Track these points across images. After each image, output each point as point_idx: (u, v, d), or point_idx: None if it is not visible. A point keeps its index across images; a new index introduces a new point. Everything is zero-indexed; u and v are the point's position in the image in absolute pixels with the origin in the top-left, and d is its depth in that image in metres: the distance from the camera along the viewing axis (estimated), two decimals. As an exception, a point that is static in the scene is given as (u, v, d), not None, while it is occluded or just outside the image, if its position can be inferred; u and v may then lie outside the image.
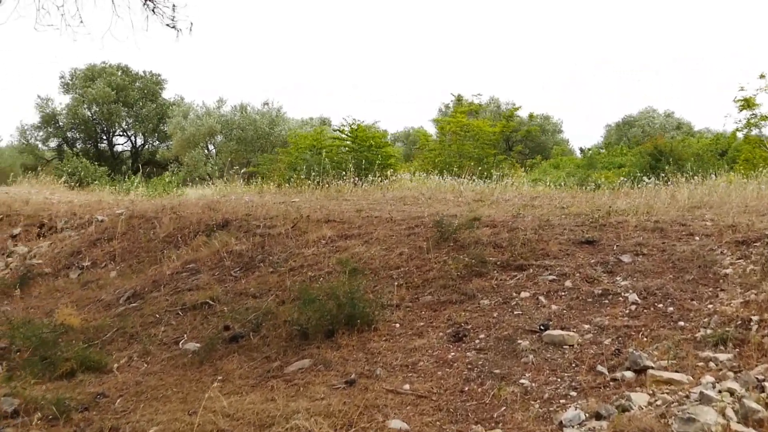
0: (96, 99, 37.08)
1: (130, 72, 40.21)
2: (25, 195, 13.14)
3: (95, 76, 38.67)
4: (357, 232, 7.48)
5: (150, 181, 31.26)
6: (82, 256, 9.28)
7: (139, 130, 39.19)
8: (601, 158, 23.70)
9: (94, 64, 39.89)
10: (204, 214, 9.28)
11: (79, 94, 38.52)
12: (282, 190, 11.87)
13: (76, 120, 38.75)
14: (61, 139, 40.12)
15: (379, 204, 9.27)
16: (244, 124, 30.55)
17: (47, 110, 39.21)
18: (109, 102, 37.43)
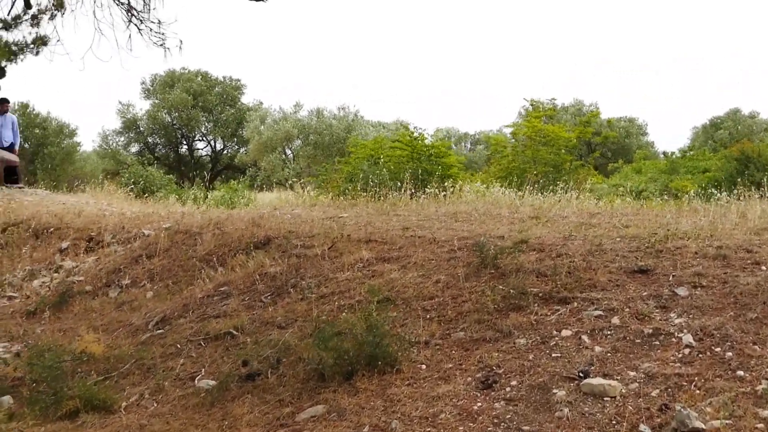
0: (174, 105, 37.50)
1: (209, 77, 40.61)
2: (81, 206, 13.07)
3: (174, 81, 39.16)
4: (396, 255, 7.03)
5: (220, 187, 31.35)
6: (123, 274, 9.06)
7: (218, 135, 39.56)
8: (684, 163, 22.69)
9: (174, 70, 40.40)
10: (247, 230, 8.95)
11: (159, 100, 39.03)
12: (336, 203, 11.49)
13: (156, 125, 39.31)
14: (142, 144, 40.75)
15: (429, 220, 8.80)
16: (321, 128, 30.37)
17: (128, 116, 39.84)
18: (187, 107, 37.81)
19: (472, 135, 53.31)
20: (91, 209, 12.64)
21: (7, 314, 8.95)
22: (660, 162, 26.66)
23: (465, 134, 54.16)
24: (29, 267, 10.40)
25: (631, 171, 24.07)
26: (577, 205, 10.09)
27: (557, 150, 16.08)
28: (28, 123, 34.75)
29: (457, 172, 14.32)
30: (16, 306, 9.13)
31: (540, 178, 15.15)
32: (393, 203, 10.83)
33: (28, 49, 16.86)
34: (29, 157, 34.01)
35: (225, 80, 41.37)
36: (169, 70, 40.88)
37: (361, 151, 14.91)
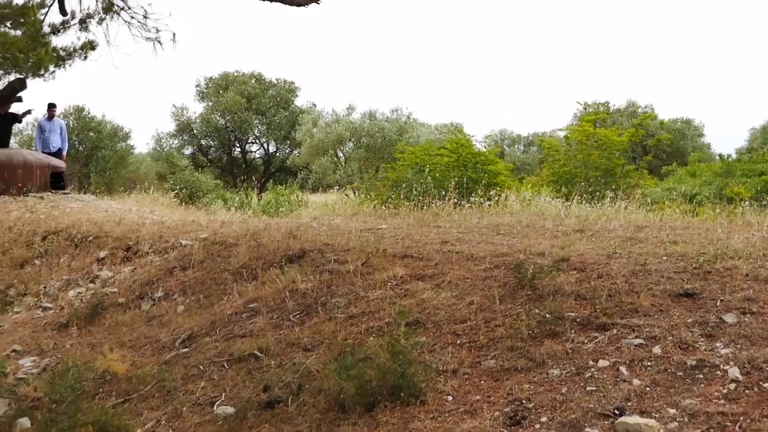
0: (228, 107, 37.68)
1: (263, 80, 40.69)
2: (122, 213, 13.06)
3: (228, 84, 39.35)
4: (431, 272, 6.76)
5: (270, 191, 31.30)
6: (156, 286, 8.95)
7: (271, 138, 39.61)
8: (740, 165, 21.99)
9: (228, 73, 40.59)
10: (283, 242, 8.77)
11: (213, 103, 39.25)
12: (378, 212, 11.26)
13: (209, 128, 39.52)
14: (195, 147, 41.00)
15: (470, 233, 8.53)
16: (373, 131, 30.20)
17: (182, 118, 40.11)
18: (241, 110, 37.97)
19: (525, 137, 52.68)
20: (132, 217, 12.60)
21: (39, 326, 8.90)
22: (715, 165, 25.97)
23: (518, 136, 53.57)
24: (66, 276, 10.37)
25: (685, 174, 23.48)
26: (625, 216, 9.70)
27: (609, 154, 15.65)
28: (82, 126, 35.23)
29: (504, 180, 13.96)
30: (50, 317, 9.07)
31: (591, 182, 14.80)
32: (435, 213, 10.58)
33: (76, 53, 17.00)
34: (83, 160, 34.46)
35: (279, 83, 41.43)
36: (223, 73, 41.13)
37: (407, 158, 14.65)
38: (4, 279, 10.89)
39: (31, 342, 8.31)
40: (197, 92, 41.71)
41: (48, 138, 17.72)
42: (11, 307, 10.14)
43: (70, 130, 34.85)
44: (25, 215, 12.87)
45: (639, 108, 39.16)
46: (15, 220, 12.59)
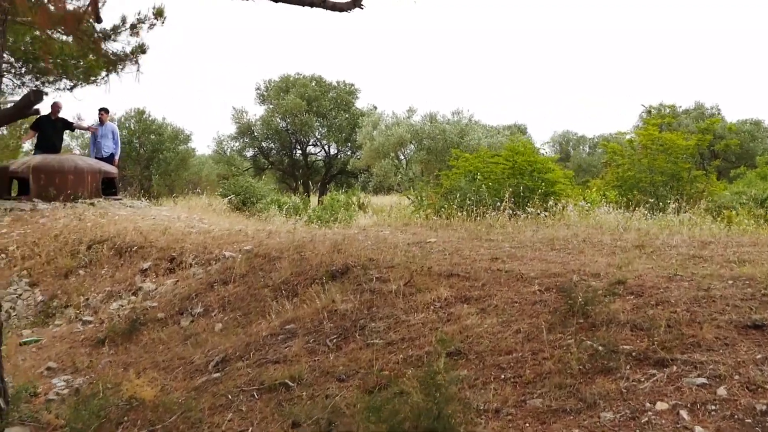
0: (288, 110, 37.68)
1: (323, 82, 40.65)
2: (170, 221, 12.89)
3: (289, 87, 39.38)
4: (477, 294, 6.35)
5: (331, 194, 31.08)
6: (197, 301, 8.70)
7: (331, 140, 39.49)
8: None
9: (288, 75, 40.65)
10: (327, 256, 8.44)
11: (273, 105, 39.33)
12: (429, 222, 10.86)
13: (270, 130, 39.58)
14: (256, 149, 41.12)
15: (522, 248, 8.09)
16: (434, 133, 29.82)
17: (242, 121, 40.26)
18: (301, 112, 37.92)
19: (591, 138, 51.74)
20: (180, 226, 12.42)
21: (77, 341, 8.73)
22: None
23: (583, 137, 52.66)
24: (109, 288, 10.20)
25: (755, 177, 22.56)
26: (689, 230, 9.14)
27: (675, 158, 15.02)
28: (143, 129, 35.51)
29: (562, 189, 13.39)
30: (88, 332, 8.90)
31: (656, 187, 14.22)
32: (489, 224, 10.15)
33: (127, 59, 16.92)
34: (145, 162, 34.71)
35: (339, 85, 41.35)
36: (284, 76, 41.22)
37: (461, 165, 14.20)
38: (48, 289, 10.78)
39: (67, 359, 8.13)
40: (257, 95, 41.90)
41: (100, 143, 17.71)
42: (52, 320, 10.02)
43: (131, 132, 35.21)
44: (72, 223, 12.78)
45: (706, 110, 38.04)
46: (62, 228, 12.51)
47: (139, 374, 6.71)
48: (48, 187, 15.35)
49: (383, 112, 36.43)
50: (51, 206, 14.71)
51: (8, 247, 12.23)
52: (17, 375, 7.89)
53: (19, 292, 10.99)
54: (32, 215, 13.89)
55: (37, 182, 15.36)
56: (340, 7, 7.90)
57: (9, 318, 10.40)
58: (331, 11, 8.23)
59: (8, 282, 11.27)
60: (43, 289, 10.85)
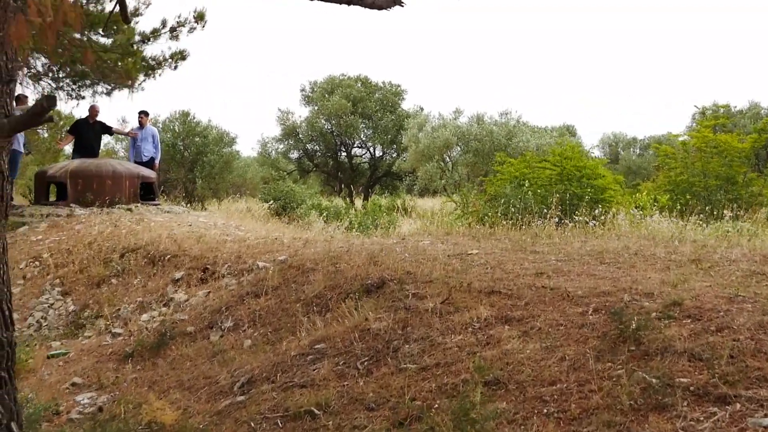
0: (333, 111, 37.45)
1: (369, 83, 40.36)
2: (205, 229, 12.63)
3: (334, 88, 39.15)
4: (519, 314, 5.92)
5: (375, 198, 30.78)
6: (227, 315, 8.39)
7: (377, 142, 39.17)
8: None
9: (334, 76, 40.43)
10: (362, 269, 8.07)
11: (318, 107, 39.14)
12: (472, 231, 10.42)
13: (315, 132, 39.38)
14: (301, 152, 40.94)
15: (569, 261, 7.64)
16: (481, 135, 29.33)
17: (287, 123, 40.11)
18: (346, 114, 37.69)
19: (641, 140, 50.78)
20: (215, 233, 12.13)
21: (105, 355, 8.48)
22: None
23: (633, 139, 51.72)
24: (140, 299, 9.96)
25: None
26: (748, 243, 8.59)
27: (729, 161, 14.39)
28: (188, 131, 35.44)
29: (611, 196, 12.78)
30: (117, 346, 8.64)
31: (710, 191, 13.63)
32: (535, 234, 9.68)
33: (166, 63, 16.76)
34: (189, 165, 34.66)
35: (385, 86, 40.99)
36: (329, 77, 40.97)
37: (506, 170, 13.68)
38: (80, 299, 10.58)
39: (93, 374, 7.90)
40: (303, 96, 41.71)
41: (140, 147, 17.53)
42: (83, 331, 9.80)
43: (175, 135, 35.18)
44: (107, 230, 12.58)
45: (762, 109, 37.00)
46: (96, 235, 12.32)
47: (162, 394, 6.42)
48: (85, 192, 15.19)
49: (429, 114, 36.11)
50: (88, 212, 14.55)
51: (42, 254, 12.08)
52: (42, 390, 7.66)
53: (51, 302, 10.79)
54: (68, 221, 13.73)
55: (75, 187, 15.21)
56: (378, 4, 7.53)
57: (40, 328, 10.22)
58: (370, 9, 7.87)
59: (41, 291, 11.09)
60: (75, 299, 10.65)
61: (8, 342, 5.21)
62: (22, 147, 15.65)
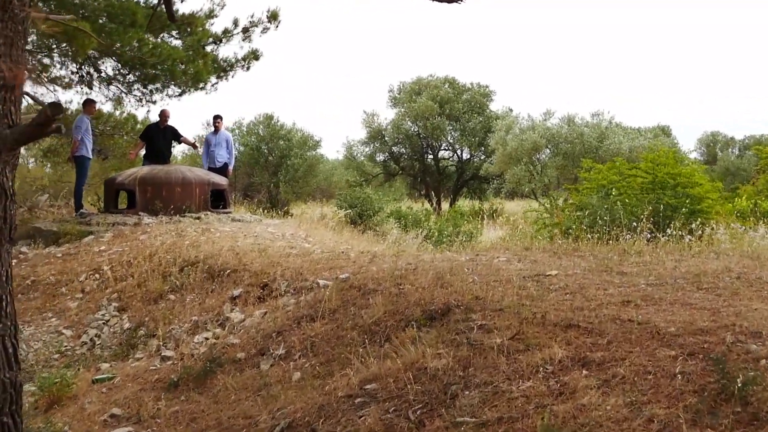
0: (420, 113, 36.80)
1: (457, 84, 39.59)
2: (272, 239, 12.01)
3: (421, 89, 38.53)
4: (600, 357, 5.03)
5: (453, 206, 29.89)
6: (281, 340, 7.71)
7: (464, 144, 38.32)
8: None
9: (421, 77, 39.86)
10: (428, 292, 7.30)
11: (405, 109, 38.58)
12: (554, 247, 9.47)
13: (401, 134, 38.80)
14: (387, 155, 40.43)
15: (661, 286, 6.70)
16: (571, 137, 28.22)
17: (373, 125, 39.66)
18: (433, 116, 37.00)
19: (740, 140, 48.58)
20: (281, 245, 11.50)
21: (150, 382, 7.89)
22: None
23: (732, 139, 49.51)
24: (196, 317, 9.37)
25: None
26: None
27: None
28: (272, 134, 35.23)
29: (710, 206, 11.49)
30: (164, 372, 8.05)
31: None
32: (623, 251, 8.71)
33: (238, 64, 16.25)
34: (272, 169, 34.41)
35: (473, 87, 40.07)
36: (417, 78, 40.29)
37: (593, 177, 12.56)
38: (136, 316, 10.08)
39: (134, 405, 7.32)
40: (390, 98, 41.12)
41: (214, 152, 17.04)
42: (134, 352, 9.27)
43: (260, 138, 34.94)
44: (169, 240, 12.08)
45: None
46: (158, 247, 11.82)
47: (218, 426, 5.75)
48: (154, 199, 14.78)
49: (518, 115, 35.05)
50: (156, 220, 14.13)
51: (102, 266, 11.63)
52: (79, 421, 7.15)
53: (107, 318, 10.32)
54: (133, 231, 13.29)
55: (144, 195, 14.81)
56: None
57: (93, 347, 9.75)
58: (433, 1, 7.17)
59: (98, 306, 10.64)
60: (131, 315, 10.15)
61: (12, 383, 4.60)
62: (90, 153, 15.31)
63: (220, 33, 15.79)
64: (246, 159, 34.50)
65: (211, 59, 15.24)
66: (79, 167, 15.18)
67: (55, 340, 9.87)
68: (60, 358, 9.50)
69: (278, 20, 16.09)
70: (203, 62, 14.75)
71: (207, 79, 15.60)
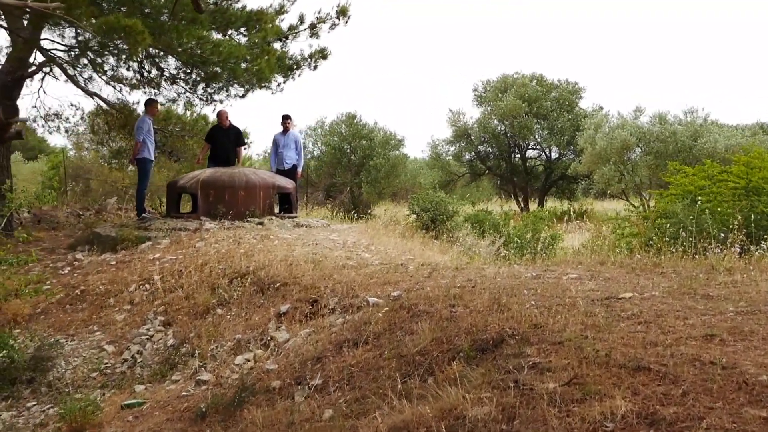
0: (506, 112, 35.74)
1: (544, 81, 38.38)
2: (331, 248, 11.24)
3: (507, 87, 37.47)
4: (672, 413, 4.07)
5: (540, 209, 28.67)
6: (320, 367, 6.89)
7: (552, 143, 37.06)
8: None
9: (507, 75, 38.82)
10: (481, 317, 6.40)
11: (491, 107, 37.58)
12: (632, 261, 8.40)
13: (487, 134, 37.82)
14: (473, 154, 39.52)
15: (753, 315, 5.68)
16: (663, 135, 26.79)
17: (459, 124, 38.82)
18: (520, 114, 35.90)
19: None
20: (338, 255, 10.71)
21: (179, 411, 7.23)
22: None
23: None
24: (240, 335, 8.70)
25: None
26: None
27: None
28: (354, 134, 34.65)
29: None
30: (195, 399, 7.41)
31: None
32: (710, 268, 7.61)
33: (304, 63, 15.53)
34: (354, 169, 33.79)
35: (561, 84, 38.73)
36: (502, 75, 39.23)
37: (680, 181, 11.25)
38: (181, 331, 9.47)
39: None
40: (475, 96, 40.14)
41: (282, 153, 16.36)
42: (173, 372, 8.65)
43: (342, 138, 34.34)
44: (224, 249, 11.42)
45: None
46: (212, 255, 11.16)
47: None
48: (217, 203, 14.19)
49: (608, 113, 33.62)
50: (217, 226, 13.53)
51: (153, 276, 11.04)
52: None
53: (151, 333, 9.73)
54: (191, 237, 12.71)
55: (206, 198, 14.23)
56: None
57: (134, 364, 9.18)
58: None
59: (144, 319, 10.04)
60: (176, 331, 9.55)
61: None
62: (152, 155, 14.80)
63: (285, 29, 15.13)
64: (328, 159, 33.97)
65: (276, 57, 14.55)
66: (141, 170, 14.69)
67: (95, 357, 9.31)
68: (98, 377, 8.93)
69: (347, 16, 15.35)
70: (267, 60, 14.07)
71: (270, 78, 14.93)
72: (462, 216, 17.14)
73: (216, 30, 14.54)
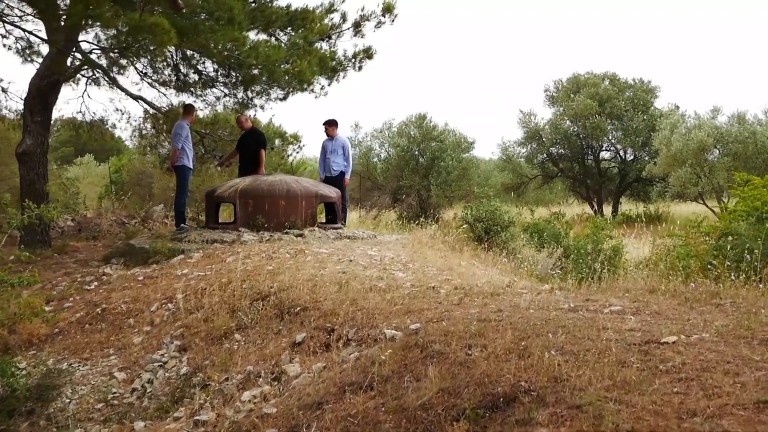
0: (578, 112, 34.51)
1: (617, 81, 37.02)
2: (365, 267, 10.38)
3: (579, 87, 36.28)
4: None
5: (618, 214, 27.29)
6: (317, 416, 5.98)
7: (627, 145, 35.66)
8: None
9: (578, 75, 37.65)
10: (495, 365, 5.49)
11: (563, 108, 36.42)
12: (689, 290, 7.28)
13: (559, 135, 36.65)
14: (545, 156, 38.39)
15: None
16: (742, 136, 25.35)
17: (530, 125, 37.79)
18: (593, 115, 34.61)
19: None
20: (369, 274, 9.83)
21: (168, 460, 6.40)
22: None
23: None
24: (251, 366, 7.87)
25: None
26: None
27: None
28: (424, 135, 33.85)
29: None
30: (189, 445, 6.54)
31: None
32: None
33: (348, 63, 14.68)
34: (423, 171, 32.98)
35: (635, 83, 37.28)
36: (574, 75, 38.00)
37: (748, 194, 9.79)
38: (196, 358, 8.71)
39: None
40: (546, 97, 39.00)
41: (329, 160, 15.53)
42: (176, 408, 7.82)
43: (411, 140, 33.51)
44: (251, 265, 10.62)
45: None
46: (239, 272, 10.36)
47: None
48: (256, 214, 13.45)
49: (684, 113, 32.08)
50: (256, 237, 12.79)
51: (177, 294, 10.32)
52: None
53: (165, 359, 9.02)
54: (224, 251, 11.97)
55: (245, 208, 13.50)
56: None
57: (143, 395, 8.43)
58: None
59: (160, 343, 9.31)
60: (190, 357, 8.81)
61: None
62: (191, 163, 14.12)
63: (327, 29, 14.32)
64: (395, 161, 33.17)
65: (317, 57, 13.73)
66: (180, 178, 14.01)
67: (104, 385, 8.59)
68: (103, 409, 8.22)
69: (393, 14, 14.44)
70: (307, 61, 13.26)
71: (312, 80, 14.13)
72: (519, 226, 16.09)
73: (255, 29, 13.83)
